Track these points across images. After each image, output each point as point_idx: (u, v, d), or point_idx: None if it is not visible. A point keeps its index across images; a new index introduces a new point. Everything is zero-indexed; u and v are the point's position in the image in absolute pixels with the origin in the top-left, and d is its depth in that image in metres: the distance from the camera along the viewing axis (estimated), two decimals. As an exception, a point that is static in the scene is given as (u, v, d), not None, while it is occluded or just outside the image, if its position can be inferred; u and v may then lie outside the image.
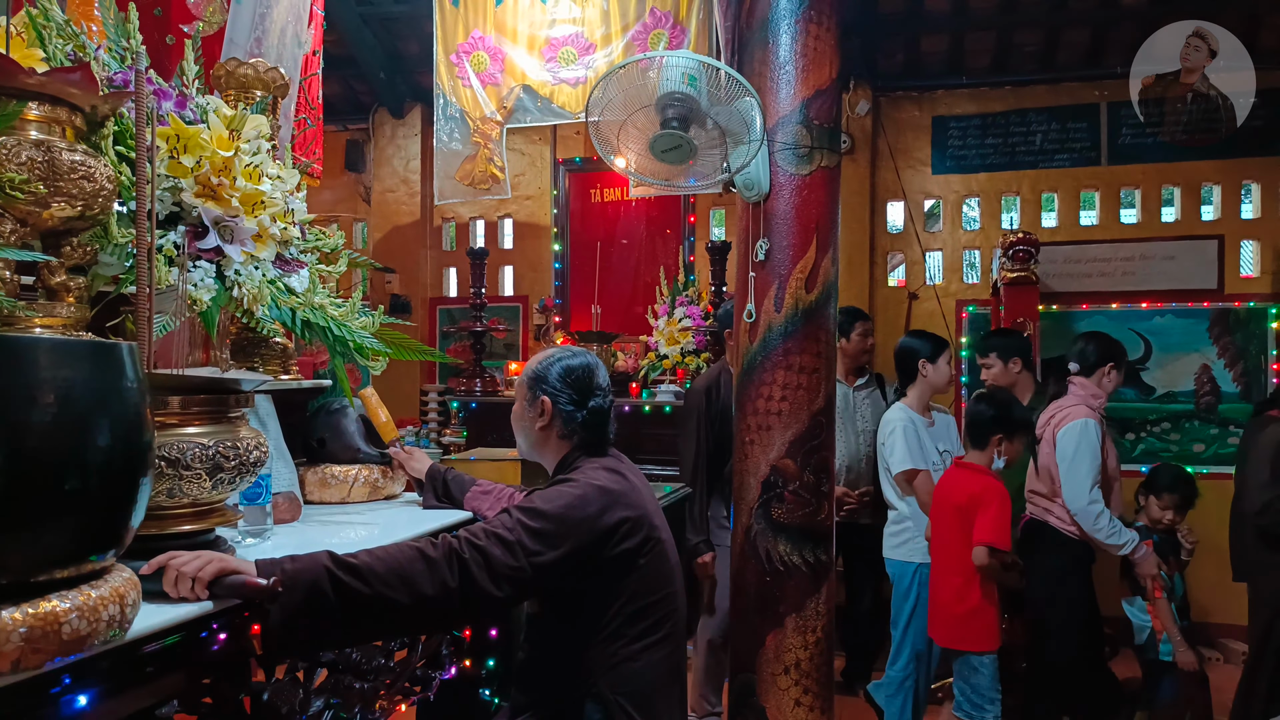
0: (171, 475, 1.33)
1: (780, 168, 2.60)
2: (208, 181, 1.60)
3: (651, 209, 5.76)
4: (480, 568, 1.56)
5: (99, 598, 1.01)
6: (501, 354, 6.03)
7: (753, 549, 2.66)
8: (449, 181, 5.13)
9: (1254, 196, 5.11)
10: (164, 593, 1.28)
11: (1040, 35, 5.18)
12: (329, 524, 2.03)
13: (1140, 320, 5.15)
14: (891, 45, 5.40)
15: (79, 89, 1.33)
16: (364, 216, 6.48)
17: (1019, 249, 4.57)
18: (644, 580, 1.74)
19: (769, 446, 2.62)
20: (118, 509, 1.04)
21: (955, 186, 5.51)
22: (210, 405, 1.43)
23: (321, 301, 1.89)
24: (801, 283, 2.59)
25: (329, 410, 2.38)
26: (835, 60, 2.63)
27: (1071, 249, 5.24)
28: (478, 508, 2.13)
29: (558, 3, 4.87)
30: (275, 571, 1.36)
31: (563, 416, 1.86)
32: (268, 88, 2.04)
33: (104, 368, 1.02)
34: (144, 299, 1.33)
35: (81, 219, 1.35)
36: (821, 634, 2.65)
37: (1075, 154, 5.31)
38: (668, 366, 4.96)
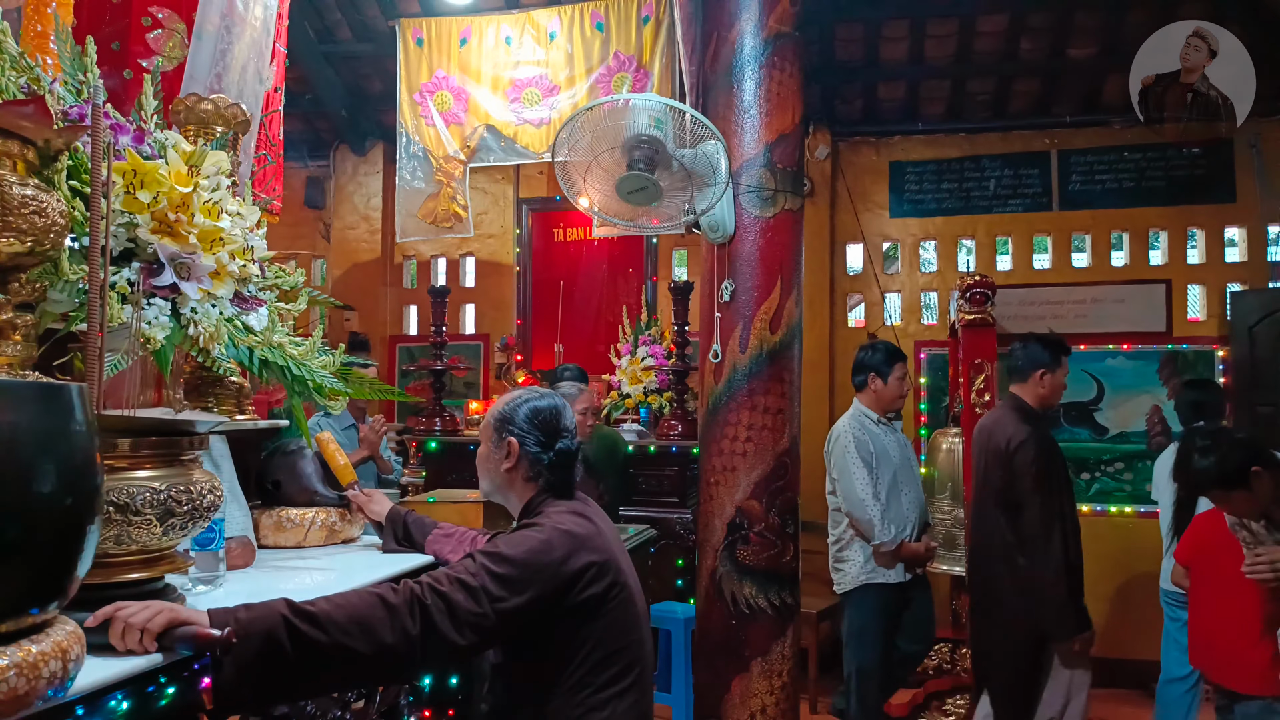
0: (120, 521, 1.27)
1: (745, 210, 2.63)
2: (164, 217, 1.56)
3: (614, 248, 5.78)
4: (443, 614, 1.51)
5: (39, 653, 0.95)
6: (462, 393, 5.96)
7: (718, 592, 2.63)
8: (411, 219, 5.11)
9: (1199, 242, 5.27)
10: (110, 645, 1.22)
11: (992, 84, 5.33)
12: (284, 569, 1.97)
13: (1093, 362, 5.26)
14: (850, 92, 5.53)
15: (32, 122, 1.29)
16: (323, 253, 6.41)
17: (976, 292, 4.63)
18: (610, 627, 1.70)
19: (734, 488, 2.61)
20: (63, 558, 0.99)
21: (912, 229, 5.61)
22: (162, 447, 1.38)
23: (280, 340, 1.85)
24: (766, 323, 2.61)
25: (285, 451, 2.31)
26: (798, 106, 2.68)
27: (1025, 291, 5.35)
28: (439, 551, 2.07)
29: (522, 45, 4.91)
30: (229, 621, 1.30)
31: (529, 458, 1.82)
32: (228, 124, 2.01)
33: (51, 410, 0.97)
34: (95, 337, 1.28)
35: (31, 255, 1.30)
36: (787, 678, 2.62)
37: (1028, 199, 5.45)
38: (630, 405, 4.94)
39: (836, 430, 3.69)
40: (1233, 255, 5.31)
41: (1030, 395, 3.39)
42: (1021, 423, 3.24)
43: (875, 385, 3.68)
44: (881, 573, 3.54)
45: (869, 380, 3.68)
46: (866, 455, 3.54)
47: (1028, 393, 3.40)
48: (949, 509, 4.56)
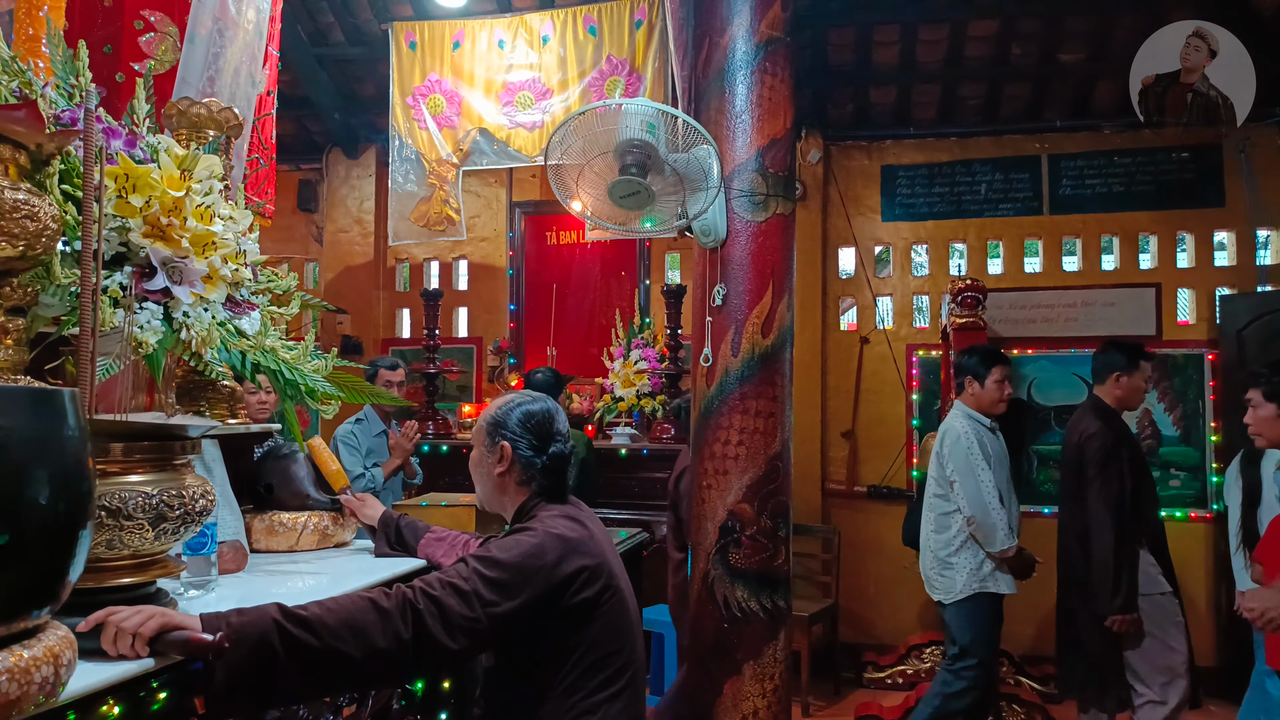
0: (112, 526, 1.28)
1: (737, 214, 2.63)
2: (157, 222, 1.56)
3: (607, 252, 5.79)
4: (435, 619, 1.52)
5: (31, 658, 0.96)
6: (455, 396, 5.96)
7: (710, 595, 2.63)
8: (404, 222, 5.11)
9: (1188, 246, 5.31)
10: (102, 650, 1.22)
11: (983, 89, 5.36)
12: (276, 574, 1.97)
13: (1083, 365, 5.27)
14: (842, 96, 5.54)
15: (24, 127, 1.30)
16: (315, 256, 6.40)
17: (967, 295, 4.67)
18: (602, 630, 1.70)
19: (726, 491, 2.61)
20: (55, 563, 0.99)
21: (904, 233, 5.63)
22: (154, 452, 1.38)
23: (273, 344, 1.85)
24: (758, 327, 2.61)
25: (277, 455, 2.31)
26: (790, 110, 2.68)
27: (1017, 295, 5.38)
28: (432, 555, 2.08)
29: (514, 48, 4.92)
30: (221, 626, 1.30)
31: (522, 462, 1.83)
32: (221, 128, 2.01)
33: (44, 416, 0.97)
34: (87, 341, 1.28)
35: (23, 259, 1.30)
36: (779, 681, 2.62)
37: (1018, 203, 5.47)
38: (623, 409, 4.95)
39: (954, 430, 3.59)
40: (1221, 259, 5.35)
41: (1109, 396, 3.67)
42: (1095, 418, 3.56)
43: (973, 389, 3.65)
44: (995, 580, 3.49)
45: (966, 384, 3.67)
46: (987, 456, 3.52)
47: (1106, 394, 3.67)
48: (941, 511, 4.58)
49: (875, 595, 5.39)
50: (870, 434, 5.51)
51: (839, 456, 5.52)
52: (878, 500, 5.38)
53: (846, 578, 5.21)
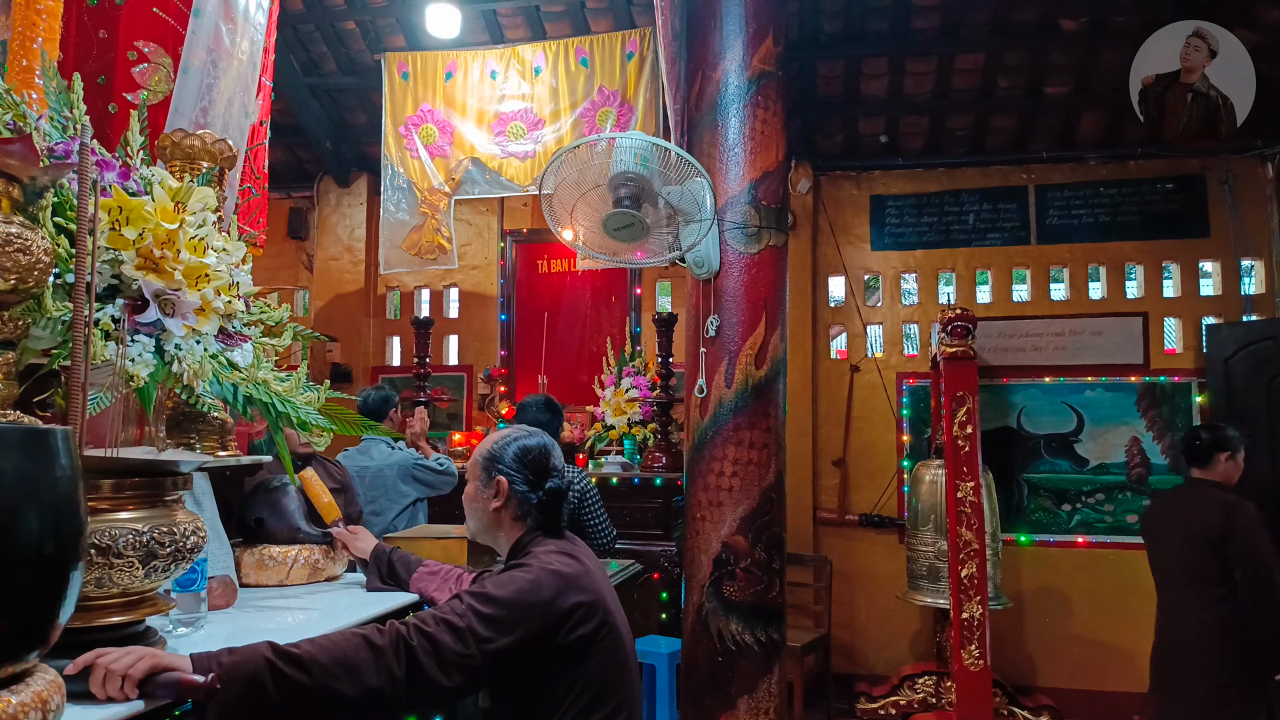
0: (102, 564, 1.25)
1: (730, 246, 2.64)
2: (150, 254, 1.55)
3: (598, 280, 5.80)
4: (429, 656, 1.49)
5: (19, 704, 0.93)
6: (445, 424, 5.93)
7: (704, 628, 2.61)
8: (395, 251, 5.10)
9: (1174, 275, 5.36)
10: (91, 693, 1.20)
11: (970, 120, 5.42)
12: (266, 609, 1.94)
13: (1072, 394, 5.31)
14: (831, 127, 5.60)
15: (18, 160, 1.29)
16: (306, 284, 6.39)
17: (957, 325, 4.68)
18: (599, 668, 1.68)
19: (720, 523, 2.60)
20: (45, 606, 0.97)
21: (894, 262, 5.66)
22: (145, 488, 1.36)
23: (265, 376, 1.83)
24: (751, 359, 2.61)
25: (268, 488, 2.29)
26: (782, 143, 2.71)
27: (1005, 324, 5.41)
28: (424, 589, 2.05)
29: (507, 79, 4.95)
30: (212, 666, 1.28)
31: (518, 498, 1.81)
32: (215, 159, 2.00)
33: (35, 455, 0.96)
34: (78, 375, 1.26)
35: (14, 293, 1.29)
36: (774, 715, 2.59)
37: (1006, 233, 5.52)
38: (614, 437, 4.93)
39: None
40: (1207, 288, 5.40)
41: (1219, 476, 3.47)
42: (1225, 492, 3.37)
43: None
44: None
45: None
46: None
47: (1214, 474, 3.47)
48: (931, 541, 4.57)
49: (867, 625, 5.36)
50: (861, 462, 5.51)
51: (830, 485, 5.51)
52: (869, 529, 5.37)
53: (838, 607, 5.19)
